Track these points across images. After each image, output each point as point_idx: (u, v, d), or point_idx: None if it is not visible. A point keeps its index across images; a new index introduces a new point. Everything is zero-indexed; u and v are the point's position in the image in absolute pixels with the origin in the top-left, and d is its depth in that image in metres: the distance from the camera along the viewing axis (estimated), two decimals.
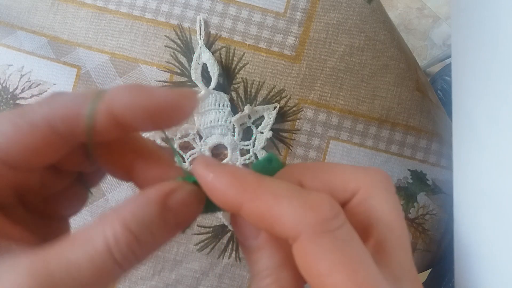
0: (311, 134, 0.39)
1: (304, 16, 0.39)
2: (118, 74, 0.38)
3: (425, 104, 0.40)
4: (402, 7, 1.06)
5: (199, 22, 0.38)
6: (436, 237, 0.40)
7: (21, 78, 0.39)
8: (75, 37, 0.39)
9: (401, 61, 0.39)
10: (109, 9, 0.39)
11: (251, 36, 0.38)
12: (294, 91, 0.38)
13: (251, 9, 0.38)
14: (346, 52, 0.39)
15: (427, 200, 0.40)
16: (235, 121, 0.37)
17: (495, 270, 0.31)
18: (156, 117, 0.16)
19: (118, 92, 0.16)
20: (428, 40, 1.05)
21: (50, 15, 0.39)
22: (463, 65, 0.38)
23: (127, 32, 0.39)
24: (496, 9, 0.32)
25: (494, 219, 0.31)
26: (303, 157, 0.38)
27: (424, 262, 0.40)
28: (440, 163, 0.40)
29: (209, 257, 0.38)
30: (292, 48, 0.39)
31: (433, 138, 0.40)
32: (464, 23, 0.38)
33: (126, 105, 0.15)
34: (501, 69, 0.31)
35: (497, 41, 0.31)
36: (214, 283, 0.38)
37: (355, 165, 0.18)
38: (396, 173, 0.39)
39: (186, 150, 0.38)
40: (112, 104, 0.15)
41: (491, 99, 0.32)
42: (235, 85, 0.38)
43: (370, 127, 0.39)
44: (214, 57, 0.38)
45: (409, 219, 0.39)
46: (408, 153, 0.39)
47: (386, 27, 0.39)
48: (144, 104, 0.15)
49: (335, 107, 0.39)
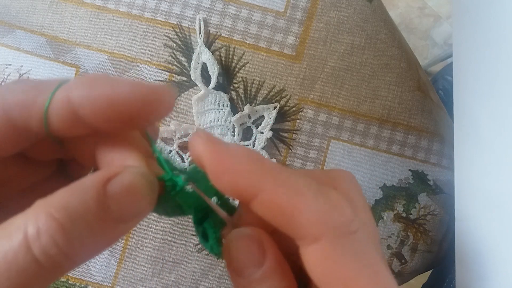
0: (311, 134, 0.38)
1: (305, 15, 0.38)
2: (117, 73, 0.38)
3: (426, 104, 0.39)
4: (403, 6, 1.05)
5: (198, 21, 0.38)
6: (437, 237, 0.40)
7: (19, 78, 0.38)
8: (74, 37, 0.38)
9: (402, 61, 0.39)
10: (108, 8, 0.38)
11: (251, 35, 0.38)
12: (294, 91, 0.38)
13: (251, 8, 0.38)
14: (347, 51, 0.39)
15: (428, 201, 0.39)
16: (235, 121, 0.37)
17: (496, 271, 0.31)
18: (121, 113, 0.14)
19: (78, 81, 0.14)
20: (429, 40, 1.05)
21: (49, 15, 0.38)
22: (464, 65, 0.37)
23: (126, 31, 0.38)
24: (498, 8, 0.32)
25: (495, 220, 0.31)
26: (303, 157, 0.38)
27: (425, 263, 0.40)
28: (442, 163, 0.40)
29: (208, 258, 0.38)
30: (292, 48, 0.38)
31: (434, 138, 0.39)
32: (466, 22, 0.37)
33: (85, 96, 0.13)
34: (502, 68, 0.30)
35: (499, 40, 0.31)
36: (213, 284, 0.38)
37: (325, 169, 0.16)
38: (397, 173, 0.39)
39: (186, 150, 0.38)
40: (70, 93, 0.14)
41: (493, 98, 0.32)
42: (235, 84, 0.38)
43: (371, 127, 0.39)
44: (214, 56, 0.37)
45: (410, 220, 0.39)
46: (409, 153, 0.39)
47: (387, 26, 0.39)
48: (106, 96, 0.13)
49: (336, 107, 0.38)
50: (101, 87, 0.13)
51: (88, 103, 0.13)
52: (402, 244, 0.39)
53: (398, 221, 0.39)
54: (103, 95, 0.13)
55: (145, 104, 0.14)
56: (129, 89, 0.14)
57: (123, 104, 0.14)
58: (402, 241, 0.39)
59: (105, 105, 0.13)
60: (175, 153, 0.37)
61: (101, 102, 0.13)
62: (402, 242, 0.39)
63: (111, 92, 0.13)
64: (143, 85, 0.14)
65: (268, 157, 0.37)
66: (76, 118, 0.14)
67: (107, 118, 0.14)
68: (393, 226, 0.39)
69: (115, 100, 0.13)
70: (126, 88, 0.14)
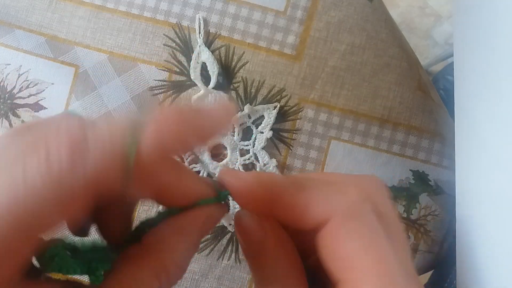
0: (311, 134, 0.38)
1: (305, 15, 0.38)
2: (116, 73, 0.38)
3: (427, 104, 0.39)
4: (404, 5, 1.05)
5: (198, 20, 0.38)
6: (438, 238, 0.39)
7: (18, 78, 0.38)
8: (73, 36, 0.38)
9: (403, 60, 0.39)
10: (107, 8, 0.38)
11: (251, 35, 0.38)
12: (294, 91, 0.38)
13: (251, 7, 0.38)
14: (347, 51, 0.38)
15: (429, 201, 0.39)
16: (235, 121, 0.37)
17: (497, 271, 0.31)
18: (203, 137, 0.15)
19: (164, 122, 0.14)
20: (430, 39, 1.04)
21: (48, 14, 0.38)
22: (465, 64, 0.37)
23: (125, 30, 0.38)
24: (499, 8, 0.31)
25: (496, 220, 0.31)
26: (303, 157, 0.38)
27: (426, 263, 0.40)
28: (442, 163, 0.39)
29: (208, 259, 0.38)
30: (292, 47, 0.38)
31: (435, 138, 0.39)
32: (467, 21, 0.37)
33: (177, 135, 0.14)
34: (503, 68, 0.30)
35: (500, 39, 0.31)
36: (213, 285, 0.38)
37: (338, 179, 0.17)
38: (398, 173, 0.39)
39: None
40: (161, 137, 0.13)
41: (494, 98, 0.32)
42: (235, 84, 0.38)
43: (371, 127, 0.39)
44: (214, 56, 0.37)
45: (411, 220, 0.39)
46: (410, 153, 0.39)
47: (387, 25, 0.39)
48: (195, 129, 0.14)
49: (336, 107, 0.38)
50: (189, 122, 0.14)
51: (179, 143, 0.14)
52: None
53: None
54: (192, 129, 0.14)
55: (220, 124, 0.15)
56: (210, 116, 0.15)
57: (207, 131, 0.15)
58: None
59: (193, 137, 0.14)
60: None
61: (190, 135, 0.14)
62: None
63: (198, 124, 0.14)
64: (216, 109, 0.15)
65: (268, 157, 0.37)
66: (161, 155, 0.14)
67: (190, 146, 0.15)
68: None
69: (201, 130, 0.14)
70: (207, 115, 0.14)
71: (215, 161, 0.37)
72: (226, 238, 0.38)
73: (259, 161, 0.37)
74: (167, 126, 0.14)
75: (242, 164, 0.37)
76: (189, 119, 0.14)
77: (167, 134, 0.13)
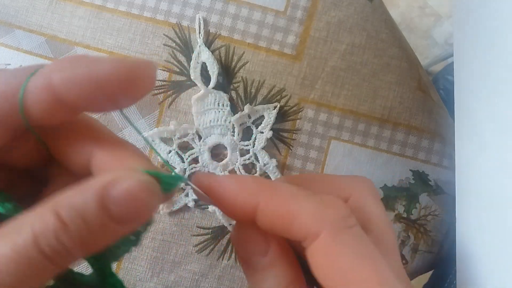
0: (312, 134, 0.38)
1: (305, 15, 0.38)
2: None
3: (427, 104, 0.39)
4: (404, 5, 1.05)
5: (198, 20, 0.38)
6: (438, 238, 0.39)
7: None
8: (73, 36, 0.38)
9: (403, 60, 0.39)
10: (107, 8, 0.38)
11: (251, 35, 0.38)
12: (294, 91, 0.38)
13: (251, 7, 0.38)
14: (347, 51, 0.38)
15: (429, 201, 0.39)
16: (235, 120, 0.37)
17: (497, 272, 0.31)
18: (105, 91, 0.14)
19: (58, 64, 0.14)
20: (430, 39, 1.04)
21: (48, 14, 0.38)
22: (465, 64, 0.37)
23: (125, 30, 0.38)
24: (499, 8, 0.31)
25: (496, 220, 0.31)
26: (303, 157, 0.38)
27: (426, 263, 0.40)
28: (442, 164, 0.39)
29: (208, 259, 0.38)
30: (292, 47, 0.38)
31: (435, 138, 0.39)
32: (467, 21, 0.37)
33: (67, 78, 0.14)
34: (504, 68, 0.30)
35: (500, 39, 0.31)
36: (213, 284, 0.38)
37: (343, 175, 0.19)
38: (397, 173, 0.39)
39: (185, 150, 0.37)
40: (50, 78, 0.14)
41: (494, 98, 0.32)
42: (235, 84, 0.38)
43: (371, 127, 0.39)
44: (214, 56, 0.37)
45: (411, 220, 0.39)
46: (410, 153, 0.39)
47: (387, 25, 0.39)
48: (88, 76, 0.13)
49: (336, 107, 0.38)
50: (81, 68, 0.14)
51: (70, 85, 0.14)
52: (403, 244, 0.39)
53: (399, 222, 0.39)
54: (84, 75, 0.13)
55: (127, 80, 0.14)
56: (110, 66, 0.14)
57: (106, 83, 0.14)
58: (402, 241, 0.39)
59: (87, 86, 0.14)
60: (174, 153, 0.37)
61: (83, 83, 0.14)
62: (403, 242, 0.39)
63: (92, 72, 0.14)
64: (123, 62, 0.14)
65: (268, 157, 0.37)
66: (58, 103, 0.14)
67: (90, 99, 0.14)
68: (394, 227, 0.39)
69: (97, 79, 0.14)
70: (107, 66, 0.14)
71: (215, 161, 0.37)
72: (226, 238, 0.38)
73: (259, 161, 0.37)
74: (58, 67, 0.14)
75: (242, 164, 0.37)
76: (84, 64, 0.14)
77: (58, 75, 0.14)
